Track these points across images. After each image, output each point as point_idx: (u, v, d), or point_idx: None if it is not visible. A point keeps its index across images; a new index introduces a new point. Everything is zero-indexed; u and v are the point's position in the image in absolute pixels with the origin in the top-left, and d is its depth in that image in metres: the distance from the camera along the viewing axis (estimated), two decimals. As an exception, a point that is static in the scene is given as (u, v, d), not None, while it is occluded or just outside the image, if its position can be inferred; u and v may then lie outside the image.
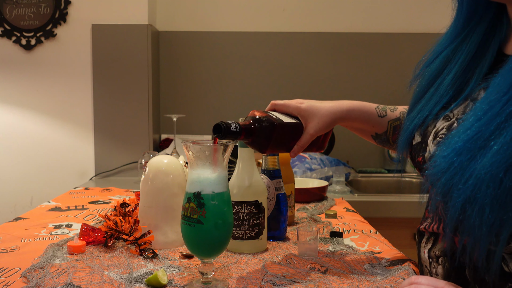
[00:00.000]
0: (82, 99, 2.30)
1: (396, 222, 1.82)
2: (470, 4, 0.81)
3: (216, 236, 0.81)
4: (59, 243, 1.05)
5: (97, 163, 2.30)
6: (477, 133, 0.63)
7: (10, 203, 2.31)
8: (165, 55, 2.54)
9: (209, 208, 0.80)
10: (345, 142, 2.48)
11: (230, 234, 0.84)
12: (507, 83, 0.64)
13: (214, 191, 0.81)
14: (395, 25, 2.54)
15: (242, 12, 2.54)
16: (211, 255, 0.83)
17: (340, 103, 0.96)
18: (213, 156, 0.82)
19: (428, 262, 0.82)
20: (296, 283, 0.84)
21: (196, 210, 0.81)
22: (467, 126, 0.65)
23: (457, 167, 0.63)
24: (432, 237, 0.82)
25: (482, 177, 0.60)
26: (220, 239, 0.82)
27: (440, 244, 0.79)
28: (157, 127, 2.46)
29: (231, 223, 0.84)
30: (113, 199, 1.60)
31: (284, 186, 1.15)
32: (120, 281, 0.84)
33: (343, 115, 0.96)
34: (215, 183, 0.82)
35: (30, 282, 0.83)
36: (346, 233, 1.18)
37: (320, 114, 0.94)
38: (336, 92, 2.52)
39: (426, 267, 0.83)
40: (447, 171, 0.64)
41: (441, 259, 0.78)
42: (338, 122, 0.96)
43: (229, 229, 0.83)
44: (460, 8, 0.83)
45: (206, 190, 0.81)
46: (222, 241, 0.83)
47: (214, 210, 0.81)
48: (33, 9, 2.25)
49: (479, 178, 0.60)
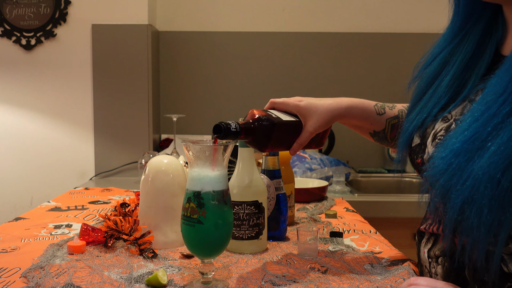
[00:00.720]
0: (82, 99, 2.30)
1: (396, 222, 1.82)
2: (467, 5, 0.81)
3: (216, 236, 0.81)
4: (59, 243, 1.05)
5: (97, 163, 2.30)
6: (474, 134, 0.63)
7: (10, 203, 2.31)
8: (165, 55, 2.54)
9: (209, 208, 0.80)
10: (345, 142, 2.48)
11: (230, 234, 0.84)
12: (504, 84, 0.64)
13: (214, 191, 0.81)
14: (395, 25, 2.54)
15: (242, 12, 2.54)
16: (211, 255, 0.83)
17: (339, 100, 0.96)
18: (213, 156, 0.82)
19: (427, 262, 0.82)
20: (296, 283, 0.84)
21: (196, 210, 0.81)
22: (464, 127, 0.65)
23: (455, 168, 0.63)
24: (432, 238, 0.82)
25: (480, 178, 0.60)
26: (220, 239, 0.82)
27: (440, 244, 0.79)
28: (157, 127, 2.46)
29: (231, 223, 0.84)
30: (113, 199, 1.60)
31: (284, 186, 1.15)
32: (120, 281, 0.84)
33: (342, 112, 0.96)
34: (215, 183, 0.82)
35: (30, 282, 0.83)
36: (346, 233, 1.18)
37: (319, 112, 0.94)
38: (336, 92, 2.52)
39: (425, 267, 0.83)
40: (445, 172, 0.64)
41: (440, 259, 0.79)
42: (336, 119, 0.96)
43: (229, 229, 0.83)
44: (456, 10, 0.83)
45: (206, 190, 0.81)
46: (222, 241, 0.83)
47: (214, 210, 0.81)
48: (33, 9, 2.25)
49: (477, 178, 0.60)
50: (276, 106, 0.97)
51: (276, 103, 0.97)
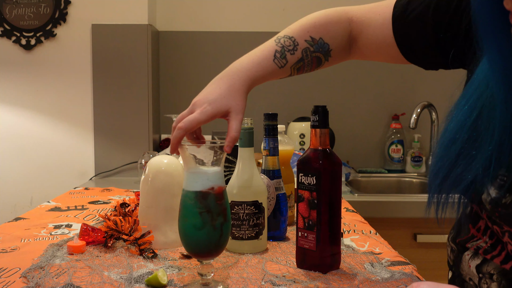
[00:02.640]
0: (82, 99, 2.30)
1: (396, 222, 1.82)
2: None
3: (213, 237, 0.81)
4: (59, 243, 1.05)
5: (97, 163, 2.30)
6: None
7: (10, 203, 2.30)
8: (165, 55, 2.54)
9: (203, 208, 0.80)
10: (345, 142, 2.48)
11: (227, 235, 0.83)
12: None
13: (208, 190, 0.81)
14: (395, 25, 2.53)
15: (242, 12, 2.54)
16: (208, 257, 0.83)
17: (237, 87, 0.90)
18: (208, 157, 0.82)
19: (476, 277, 0.80)
20: (296, 283, 0.84)
21: (192, 210, 0.81)
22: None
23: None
24: (482, 255, 0.80)
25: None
26: (218, 239, 0.82)
27: (495, 263, 0.77)
28: (157, 127, 2.46)
29: (229, 223, 0.84)
30: (113, 199, 1.60)
31: (284, 186, 1.15)
32: (120, 281, 0.84)
33: (250, 89, 0.91)
34: (211, 183, 0.81)
35: (30, 282, 0.83)
36: (346, 233, 1.18)
37: (236, 110, 0.87)
38: (336, 91, 2.52)
39: (470, 279, 0.82)
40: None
41: (495, 276, 0.77)
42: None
43: (226, 230, 0.83)
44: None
45: (201, 189, 0.81)
46: (220, 242, 0.82)
47: (209, 210, 0.81)
48: (33, 9, 2.25)
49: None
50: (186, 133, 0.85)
51: (183, 129, 0.84)
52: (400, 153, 2.44)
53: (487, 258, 0.79)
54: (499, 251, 0.77)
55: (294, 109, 2.45)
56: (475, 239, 0.82)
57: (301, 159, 0.92)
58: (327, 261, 0.90)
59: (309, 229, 0.90)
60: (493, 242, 0.78)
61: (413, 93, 2.48)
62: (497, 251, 0.78)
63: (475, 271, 0.81)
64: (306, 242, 0.91)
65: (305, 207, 0.90)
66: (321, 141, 0.91)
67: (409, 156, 2.43)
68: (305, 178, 0.90)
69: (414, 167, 2.42)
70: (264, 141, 1.13)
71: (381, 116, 2.51)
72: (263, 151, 1.14)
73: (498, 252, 0.78)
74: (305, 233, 0.91)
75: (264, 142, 1.13)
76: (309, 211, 0.89)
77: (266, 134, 1.12)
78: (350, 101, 2.52)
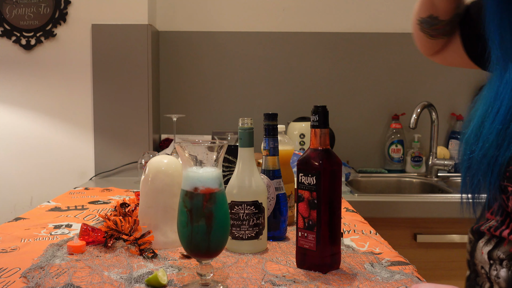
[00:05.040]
0: (82, 99, 2.30)
1: (396, 222, 1.82)
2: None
3: (211, 237, 0.81)
4: (59, 243, 1.05)
5: (97, 163, 2.30)
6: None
7: (10, 203, 2.30)
8: (165, 55, 2.54)
9: (201, 208, 0.80)
10: (345, 142, 2.48)
11: (226, 235, 0.83)
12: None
13: (209, 192, 0.81)
14: (395, 25, 2.53)
15: (242, 12, 2.54)
16: (207, 257, 0.83)
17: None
18: (207, 157, 0.82)
19: (487, 264, 0.80)
20: (296, 283, 0.84)
21: (189, 210, 0.81)
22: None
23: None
24: (495, 239, 0.80)
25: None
26: (216, 240, 0.81)
27: (505, 247, 0.78)
28: (157, 127, 2.46)
29: (228, 223, 0.84)
30: (113, 199, 1.60)
31: (284, 186, 1.15)
32: (120, 281, 0.84)
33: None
34: (209, 183, 0.81)
35: (30, 282, 0.83)
36: (346, 233, 1.18)
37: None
38: (336, 92, 2.52)
39: (482, 267, 0.82)
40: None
41: (505, 262, 0.77)
42: None
43: (225, 230, 0.83)
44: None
45: (199, 189, 0.81)
46: (218, 242, 0.82)
47: (207, 210, 0.81)
48: (33, 9, 2.25)
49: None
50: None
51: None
52: (400, 153, 2.44)
53: (496, 235, 0.80)
54: (507, 224, 0.78)
55: (294, 109, 2.45)
56: (488, 221, 0.83)
57: (301, 159, 0.92)
58: (327, 261, 0.90)
59: (309, 229, 0.90)
60: (503, 218, 0.79)
61: (413, 93, 2.48)
62: (505, 225, 0.78)
63: (487, 257, 0.81)
64: (306, 242, 0.91)
65: (305, 207, 0.90)
66: (321, 141, 0.91)
67: (409, 156, 2.43)
68: (305, 178, 0.90)
69: (414, 167, 2.42)
70: (264, 141, 1.13)
71: (381, 116, 2.51)
72: (263, 151, 1.14)
73: (506, 226, 0.78)
74: (305, 233, 0.91)
75: (264, 142, 1.13)
76: (309, 211, 0.89)
77: (266, 134, 1.12)
78: (350, 101, 2.52)
